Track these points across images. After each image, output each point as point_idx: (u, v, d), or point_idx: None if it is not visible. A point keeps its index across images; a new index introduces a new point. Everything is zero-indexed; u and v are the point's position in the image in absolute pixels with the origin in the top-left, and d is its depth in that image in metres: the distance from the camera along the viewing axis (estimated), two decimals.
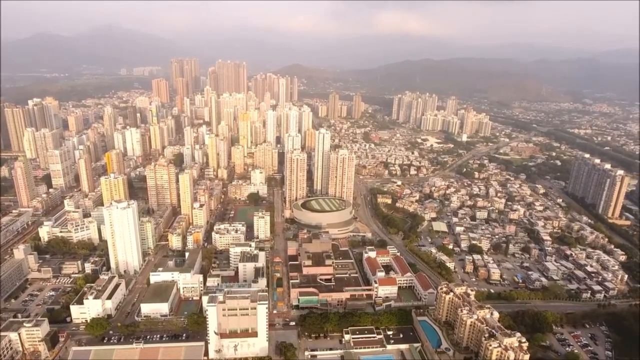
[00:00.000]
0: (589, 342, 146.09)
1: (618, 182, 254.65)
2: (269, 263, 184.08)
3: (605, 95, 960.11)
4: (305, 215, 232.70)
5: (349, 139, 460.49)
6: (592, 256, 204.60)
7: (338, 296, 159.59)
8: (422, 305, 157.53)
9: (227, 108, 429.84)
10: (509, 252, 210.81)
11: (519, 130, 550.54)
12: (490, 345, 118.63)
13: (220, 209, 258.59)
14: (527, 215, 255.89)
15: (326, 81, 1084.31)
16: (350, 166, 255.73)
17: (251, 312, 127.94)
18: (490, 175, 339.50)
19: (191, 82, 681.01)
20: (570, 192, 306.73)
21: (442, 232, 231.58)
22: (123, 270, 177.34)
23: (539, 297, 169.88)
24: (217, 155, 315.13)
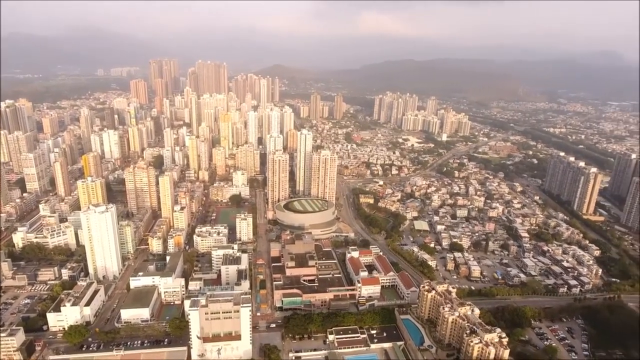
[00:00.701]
0: (566, 336, 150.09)
1: (592, 179, 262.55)
2: (251, 265, 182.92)
3: (579, 95, 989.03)
4: (288, 217, 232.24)
5: (331, 139, 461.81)
6: (568, 252, 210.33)
7: (322, 297, 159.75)
8: (405, 304, 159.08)
9: (208, 109, 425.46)
10: (489, 250, 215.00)
11: (497, 129, 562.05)
12: (472, 342, 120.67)
13: (202, 211, 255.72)
14: (505, 213, 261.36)
15: (308, 82, 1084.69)
16: (333, 167, 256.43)
17: (234, 315, 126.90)
18: (470, 174, 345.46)
19: (170, 83, 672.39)
20: (546, 190, 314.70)
21: (424, 231, 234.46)
22: (102, 275, 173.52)
23: (518, 293, 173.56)
24: (198, 157, 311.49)
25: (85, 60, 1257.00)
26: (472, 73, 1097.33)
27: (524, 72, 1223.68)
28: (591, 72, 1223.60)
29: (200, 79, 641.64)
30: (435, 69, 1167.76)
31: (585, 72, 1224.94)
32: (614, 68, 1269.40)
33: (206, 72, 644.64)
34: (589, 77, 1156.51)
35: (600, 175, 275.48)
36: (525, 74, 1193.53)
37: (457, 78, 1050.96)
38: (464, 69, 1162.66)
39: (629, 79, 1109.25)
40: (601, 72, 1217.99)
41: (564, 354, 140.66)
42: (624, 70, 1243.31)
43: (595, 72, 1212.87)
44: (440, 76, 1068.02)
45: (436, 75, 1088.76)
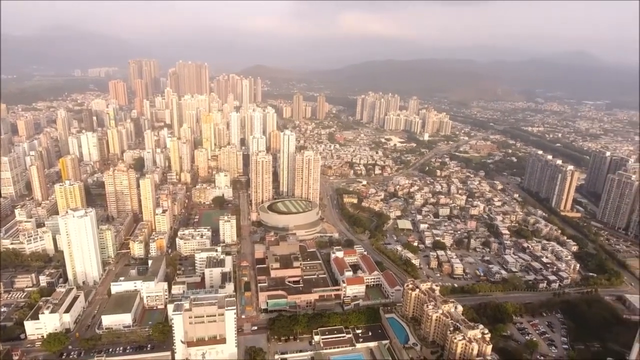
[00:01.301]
0: (546, 330, 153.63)
1: (569, 176, 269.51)
2: (236, 267, 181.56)
3: (555, 94, 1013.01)
4: (272, 218, 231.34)
5: (314, 139, 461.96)
6: (547, 248, 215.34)
7: (307, 297, 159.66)
8: (390, 303, 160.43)
9: (189, 110, 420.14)
10: (471, 247, 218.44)
11: (477, 128, 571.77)
12: (455, 338, 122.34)
13: (184, 213, 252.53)
14: (486, 211, 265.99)
15: (290, 82, 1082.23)
16: (316, 167, 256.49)
17: (219, 319, 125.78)
18: (452, 172, 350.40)
19: (151, 83, 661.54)
20: (525, 187, 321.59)
21: (407, 230, 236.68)
22: (82, 281, 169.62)
23: (500, 289, 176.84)
24: (179, 159, 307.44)
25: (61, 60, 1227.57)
26: (453, 73, 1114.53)
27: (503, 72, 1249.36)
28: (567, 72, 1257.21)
29: (181, 79, 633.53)
30: (416, 69, 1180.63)
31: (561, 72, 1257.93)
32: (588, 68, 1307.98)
33: (187, 73, 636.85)
34: (565, 77, 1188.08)
35: (577, 172, 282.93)
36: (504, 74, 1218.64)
37: (438, 78, 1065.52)
38: (445, 69, 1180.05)
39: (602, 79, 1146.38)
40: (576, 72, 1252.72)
41: (545, 348, 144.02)
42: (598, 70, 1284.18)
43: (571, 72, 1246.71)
44: (422, 76, 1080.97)
45: (417, 75, 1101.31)
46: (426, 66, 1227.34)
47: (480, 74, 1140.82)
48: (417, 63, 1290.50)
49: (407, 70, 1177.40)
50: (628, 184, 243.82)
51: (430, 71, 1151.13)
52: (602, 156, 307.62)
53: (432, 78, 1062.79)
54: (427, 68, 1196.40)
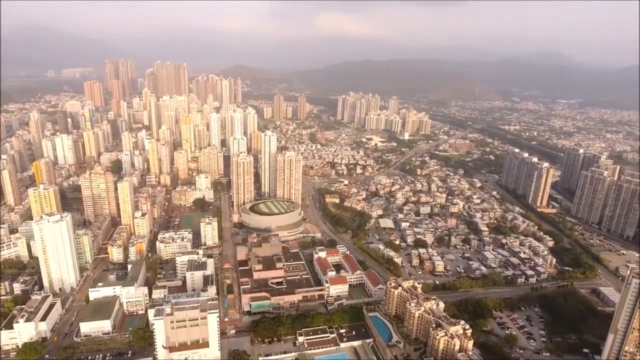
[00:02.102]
0: (525, 324, 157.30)
1: (544, 173, 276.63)
2: (218, 270, 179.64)
3: (530, 93, 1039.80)
4: (254, 219, 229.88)
5: (296, 140, 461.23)
6: (524, 243, 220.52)
7: (290, 299, 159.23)
8: (373, 301, 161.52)
9: (168, 111, 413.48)
10: (451, 244, 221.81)
11: (456, 127, 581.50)
12: (438, 335, 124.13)
13: (164, 216, 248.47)
14: (466, 208, 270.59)
15: (270, 82, 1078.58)
16: (298, 167, 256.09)
17: (201, 322, 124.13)
18: (432, 171, 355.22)
19: (127, 84, 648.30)
20: (503, 185, 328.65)
21: (389, 229, 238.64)
22: (58, 288, 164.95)
23: (480, 285, 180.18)
24: (158, 161, 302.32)
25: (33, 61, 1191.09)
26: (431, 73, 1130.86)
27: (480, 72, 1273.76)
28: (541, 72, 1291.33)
29: (159, 80, 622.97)
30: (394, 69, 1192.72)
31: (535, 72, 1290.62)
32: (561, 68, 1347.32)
33: (165, 73, 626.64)
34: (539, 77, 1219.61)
35: (552, 169, 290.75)
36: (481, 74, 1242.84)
37: (416, 78, 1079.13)
38: (423, 69, 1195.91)
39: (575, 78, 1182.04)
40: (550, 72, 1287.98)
41: (524, 341, 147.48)
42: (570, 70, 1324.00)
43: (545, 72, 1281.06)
44: (401, 76, 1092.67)
45: (396, 75, 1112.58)
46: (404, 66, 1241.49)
47: (458, 74, 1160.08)
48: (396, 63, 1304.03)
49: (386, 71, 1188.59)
50: (600, 180, 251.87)
51: (408, 71, 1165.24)
52: (575, 153, 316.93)
53: (411, 78, 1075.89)
54: (406, 68, 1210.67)
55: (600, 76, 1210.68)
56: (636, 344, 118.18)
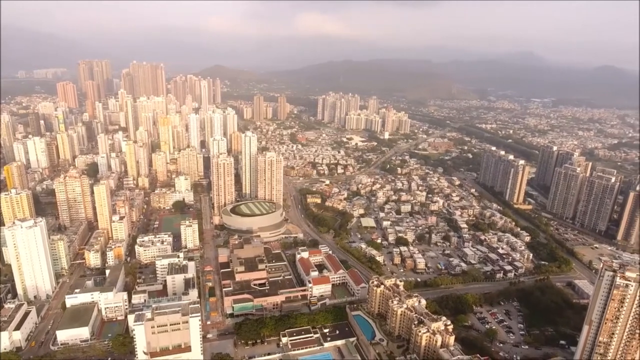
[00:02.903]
0: (504, 318, 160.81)
1: (520, 171, 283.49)
2: (199, 273, 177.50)
3: (506, 93, 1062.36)
4: (235, 221, 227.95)
5: (276, 140, 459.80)
6: (502, 239, 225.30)
7: (273, 300, 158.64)
8: (356, 300, 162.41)
9: (145, 112, 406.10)
10: (432, 242, 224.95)
11: (435, 126, 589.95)
12: (420, 332, 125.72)
13: (143, 220, 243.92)
14: (445, 206, 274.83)
15: (250, 82, 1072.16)
16: (279, 168, 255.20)
17: (183, 327, 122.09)
18: (412, 170, 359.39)
19: (103, 85, 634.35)
20: (481, 182, 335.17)
21: (371, 228, 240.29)
22: (33, 296, 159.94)
23: (460, 281, 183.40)
24: (136, 163, 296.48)
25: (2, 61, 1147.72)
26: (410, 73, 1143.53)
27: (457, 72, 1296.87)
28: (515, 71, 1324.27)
29: (136, 80, 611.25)
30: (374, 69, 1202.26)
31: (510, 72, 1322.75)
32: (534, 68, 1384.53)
33: (142, 74, 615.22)
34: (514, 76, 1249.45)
35: (528, 167, 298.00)
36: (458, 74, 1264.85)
37: (395, 78, 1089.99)
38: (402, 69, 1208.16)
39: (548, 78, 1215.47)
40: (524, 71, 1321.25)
41: (503, 335, 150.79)
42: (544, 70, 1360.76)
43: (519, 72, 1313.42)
44: (380, 76, 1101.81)
45: (375, 75, 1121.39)
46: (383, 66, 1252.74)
47: (435, 74, 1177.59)
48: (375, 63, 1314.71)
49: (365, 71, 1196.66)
50: (573, 176, 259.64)
51: (387, 71, 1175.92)
52: (549, 151, 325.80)
53: (390, 78, 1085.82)
54: (385, 68, 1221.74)
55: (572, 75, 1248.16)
56: (609, 334, 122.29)
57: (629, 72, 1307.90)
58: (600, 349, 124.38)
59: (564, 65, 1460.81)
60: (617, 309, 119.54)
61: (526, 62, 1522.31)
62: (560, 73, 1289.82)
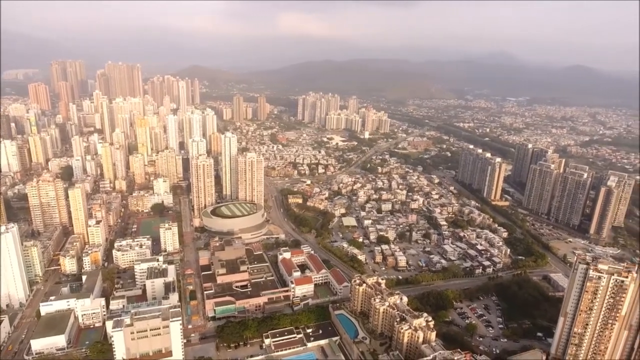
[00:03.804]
0: (483, 313, 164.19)
1: (497, 168, 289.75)
2: (179, 276, 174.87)
3: (482, 92, 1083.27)
4: (216, 222, 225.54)
5: (256, 141, 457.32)
6: (481, 235, 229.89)
7: (255, 301, 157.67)
8: (339, 299, 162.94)
9: (122, 114, 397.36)
10: (413, 239, 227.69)
11: (414, 126, 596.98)
12: (402, 329, 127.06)
13: (121, 223, 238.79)
14: (425, 204, 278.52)
15: (229, 83, 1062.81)
16: (259, 169, 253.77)
17: (163, 331, 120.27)
18: (392, 169, 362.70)
19: (77, 86, 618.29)
20: (460, 180, 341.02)
21: (352, 227, 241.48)
22: (5, 304, 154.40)
23: (440, 278, 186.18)
24: (113, 166, 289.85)
25: None
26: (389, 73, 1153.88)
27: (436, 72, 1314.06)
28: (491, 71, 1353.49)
29: (112, 81, 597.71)
30: (353, 69, 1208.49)
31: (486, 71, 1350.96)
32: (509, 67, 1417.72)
33: (118, 74, 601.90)
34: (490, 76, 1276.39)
35: (504, 164, 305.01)
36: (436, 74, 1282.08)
37: (374, 78, 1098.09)
38: (381, 69, 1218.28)
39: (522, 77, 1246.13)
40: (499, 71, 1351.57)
41: (483, 329, 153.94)
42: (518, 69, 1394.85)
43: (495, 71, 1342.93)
44: (359, 76, 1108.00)
45: (355, 75, 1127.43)
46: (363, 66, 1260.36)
47: (414, 74, 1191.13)
48: (354, 63, 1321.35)
49: (345, 70, 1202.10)
50: (548, 173, 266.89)
51: (367, 71, 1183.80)
52: (525, 148, 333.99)
53: (369, 78, 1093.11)
54: (364, 68, 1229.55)
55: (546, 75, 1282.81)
56: (584, 325, 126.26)
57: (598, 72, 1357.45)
58: (575, 340, 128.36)
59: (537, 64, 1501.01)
60: (590, 300, 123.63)
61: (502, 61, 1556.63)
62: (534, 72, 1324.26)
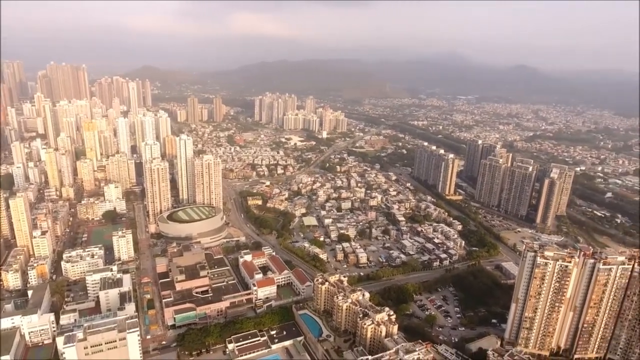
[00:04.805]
0: (442, 303, 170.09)
1: (450, 164, 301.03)
2: (136, 285, 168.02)
3: (434, 91, 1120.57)
4: (173, 228, 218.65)
5: (213, 143, 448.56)
6: (437, 229, 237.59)
7: (217, 307, 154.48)
8: (302, 299, 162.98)
9: (67, 117, 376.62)
10: (373, 236, 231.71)
11: (371, 125, 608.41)
12: (365, 324, 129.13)
13: (70, 233, 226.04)
14: (384, 201, 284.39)
15: (183, 84, 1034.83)
16: (217, 171, 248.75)
17: (120, 344, 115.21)
18: (350, 167, 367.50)
19: (16, 88, 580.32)
20: (416, 176, 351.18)
21: (313, 226, 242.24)
22: None
23: (400, 272, 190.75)
24: (59, 173, 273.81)
25: None
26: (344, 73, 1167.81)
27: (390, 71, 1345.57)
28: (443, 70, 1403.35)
29: (55, 83, 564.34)
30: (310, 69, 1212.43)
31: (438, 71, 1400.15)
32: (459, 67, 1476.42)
33: (62, 76, 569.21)
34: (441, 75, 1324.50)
35: (457, 160, 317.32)
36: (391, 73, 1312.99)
37: (331, 77, 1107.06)
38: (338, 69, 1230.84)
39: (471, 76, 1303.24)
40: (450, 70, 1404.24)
41: (442, 319, 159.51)
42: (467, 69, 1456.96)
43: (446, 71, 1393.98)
44: (316, 76, 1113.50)
45: (312, 75, 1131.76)
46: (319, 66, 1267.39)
47: (369, 73, 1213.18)
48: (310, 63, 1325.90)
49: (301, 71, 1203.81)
50: (497, 167, 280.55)
51: (323, 71, 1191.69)
52: (475, 144, 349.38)
53: (326, 78, 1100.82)
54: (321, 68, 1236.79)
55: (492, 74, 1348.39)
56: (534, 309, 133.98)
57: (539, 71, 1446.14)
58: (527, 324, 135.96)
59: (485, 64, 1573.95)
60: (539, 285, 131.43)
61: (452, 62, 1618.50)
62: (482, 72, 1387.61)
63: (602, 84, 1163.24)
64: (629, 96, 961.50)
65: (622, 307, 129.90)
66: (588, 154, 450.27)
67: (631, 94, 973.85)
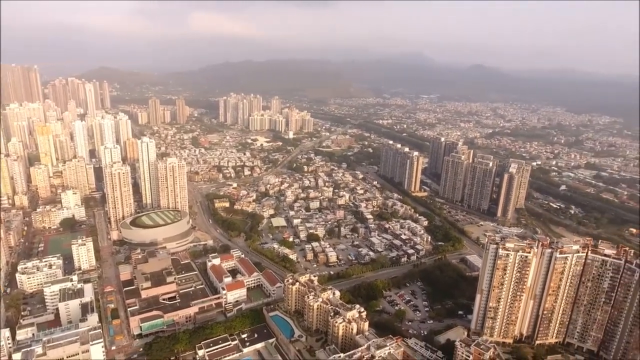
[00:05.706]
0: (411, 298, 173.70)
1: (415, 161, 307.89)
2: (98, 295, 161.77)
3: (398, 90, 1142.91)
4: (137, 234, 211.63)
5: (177, 145, 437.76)
6: (404, 226, 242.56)
7: (185, 313, 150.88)
8: (272, 301, 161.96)
9: (18, 121, 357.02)
10: (341, 235, 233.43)
11: (337, 124, 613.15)
12: (336, 322, 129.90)
13: (24, 243, 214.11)
14: (352, 199, 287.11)
15: (143, 85, 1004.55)
16: (182, 174, 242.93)
17: (83, 357, 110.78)
18: (318, 167, 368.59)
19: None
20: (382, 174, 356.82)
21: (282, 227, 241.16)
22: None
23: (370, 269, 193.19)
24: (11, 180, 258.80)
25: None
26: (309, 73, 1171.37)
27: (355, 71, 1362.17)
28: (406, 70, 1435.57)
29: (4, 85, 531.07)
30: (275, 70, 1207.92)
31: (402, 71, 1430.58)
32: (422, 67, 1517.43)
33: (12, 78, 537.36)
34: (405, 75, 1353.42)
35: (421, 157, 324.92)
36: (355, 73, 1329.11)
37: (296, 78, 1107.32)
38: (302, 69, 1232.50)
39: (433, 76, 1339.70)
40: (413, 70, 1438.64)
41: (411, 314, 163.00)
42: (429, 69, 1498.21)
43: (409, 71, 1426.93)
44: (281, 76, 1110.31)
45: (276, 75, 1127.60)
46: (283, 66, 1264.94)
47: (334, 73, 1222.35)
48: (275, 63, 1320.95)
49: (266, 71, 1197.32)
50: (459, 163, 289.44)
51: (287, 71, 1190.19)
52: (438, 142, 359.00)
53: (291, 78, 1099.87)
54: (285, 68, 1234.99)
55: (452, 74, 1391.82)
56: (497, 299, 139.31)
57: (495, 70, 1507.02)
58: (491, 313, 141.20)
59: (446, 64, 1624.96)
60: (501, 276, 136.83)
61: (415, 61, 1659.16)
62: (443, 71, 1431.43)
63: (555, 82, 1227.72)
64: (579, 94, 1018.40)
65: (578, 293, 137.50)
66: (543, 149, 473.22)
67: (581, 91, 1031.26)
